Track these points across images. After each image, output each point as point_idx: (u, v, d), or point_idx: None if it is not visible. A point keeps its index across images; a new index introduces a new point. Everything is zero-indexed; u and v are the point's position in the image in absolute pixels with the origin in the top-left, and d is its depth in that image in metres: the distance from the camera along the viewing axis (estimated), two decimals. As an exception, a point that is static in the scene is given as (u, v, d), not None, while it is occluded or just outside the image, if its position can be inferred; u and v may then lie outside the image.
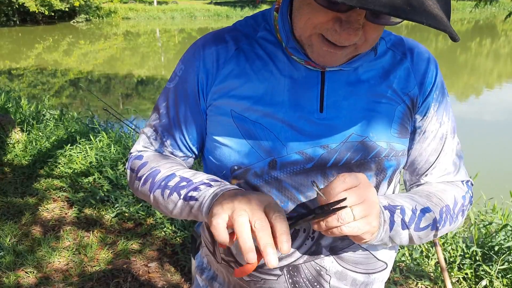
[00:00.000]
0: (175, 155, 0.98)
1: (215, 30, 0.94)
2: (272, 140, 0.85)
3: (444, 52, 19.16)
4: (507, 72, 14.29)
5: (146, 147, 0.99)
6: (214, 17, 36.78)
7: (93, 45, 21.25)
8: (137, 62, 16.77)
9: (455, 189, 0.95)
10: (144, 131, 1.01)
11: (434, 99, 0.92)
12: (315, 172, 0.85)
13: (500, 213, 3.20)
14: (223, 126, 0.88)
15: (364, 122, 0.86)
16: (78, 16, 31.99)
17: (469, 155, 6.59)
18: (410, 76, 0.89)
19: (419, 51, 0.92)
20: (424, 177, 0.97)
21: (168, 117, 0.95)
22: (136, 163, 0.96)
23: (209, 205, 0.77)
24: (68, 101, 9.83)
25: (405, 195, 0.90)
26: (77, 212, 3.50)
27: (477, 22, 32.10)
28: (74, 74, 13.66)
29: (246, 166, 0.87)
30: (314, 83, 0.85)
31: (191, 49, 0.93)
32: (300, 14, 0.77)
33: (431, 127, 0.93)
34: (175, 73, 0.95)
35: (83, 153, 4.45)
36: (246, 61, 0.88)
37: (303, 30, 0.77)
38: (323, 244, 0.90)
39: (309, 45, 0.79)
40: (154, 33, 27.89)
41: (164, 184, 0.88)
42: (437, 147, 0.94)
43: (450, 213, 0.90)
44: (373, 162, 0.87)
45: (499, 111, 8.83)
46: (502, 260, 2.58)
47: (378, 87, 0.87)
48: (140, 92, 11.88)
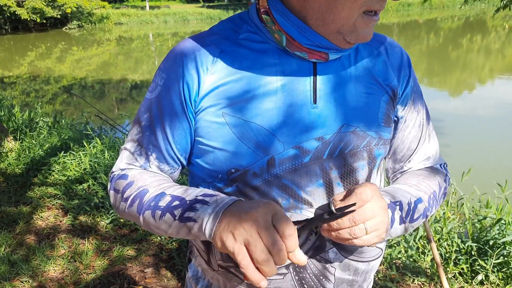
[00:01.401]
0: (162, 169, 0.94)
1: (192, 36, 0.92)
2: (268, 137, 0.85)
3: (436, 49, 19.24)
4: (498, 67, 14.36)
5: (130, 163, 0.94)
6: (207, 20, 36.80)
7: (86, 51, 21.22)
8: (131, 67, 16.75)
9: (437, 174, 1.01)
10: (126, 147, 0.95)
11: (411, 90, 0.98)
12: (313, 166, 0.87)
13: (494, 207, 3.21)
14: (215, 130, 0.86)
15: (354, 113, 0.89)
16: (70, 23, 31.94)
17: (463, 150, 6.65)
18: (388, 69, 0.94)
19: (392, 45, 0.98)
20: (407, 164, 1.03)
21: (152, 129, 0.91)
22: (121, 183, 0.91)
23: (212, 227, 0.75)
24: (62, 108, 9.80)
25: (400, 187, 0.94)
26: (71, 220, 3.48)
27: (467, 18, 32.26)
28: (67, 80, 13.62)
29: (245, 167, 0.86)
30: (306, 76, 0.86)
31: (171, 56, 0.90)
32: (341, 5, 0.78)
33: (411, 115, 0.99)
34: (155, 83, 0.91)
35: (77, 159, 4.44)
36: (233, 62, 0.87)
37: (348, 18, 0.79)
38: (326, 238, 0.90)
39: (352, 31, 0.81)
40: (147, 38, 27.88)
41: (154, 204, 0.84)
42: (417, 134, 1.01)
43: (436, 199, 0.97)
44: (365, 151, 0.90)
45: (492, 106, 8.88)
46: (497, 254, 2.59)
47: (363, 79, 0.91)
48: (134, 97, 11.86)
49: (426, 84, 11.96)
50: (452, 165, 4.65)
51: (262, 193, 0.87)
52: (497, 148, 6.35)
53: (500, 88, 10.79)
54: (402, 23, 32.18)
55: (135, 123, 0.95)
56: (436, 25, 30.25)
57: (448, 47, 19.35)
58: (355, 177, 0.91)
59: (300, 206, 0.87)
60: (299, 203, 0.88)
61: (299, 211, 0.88)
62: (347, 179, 0.90)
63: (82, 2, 30.31)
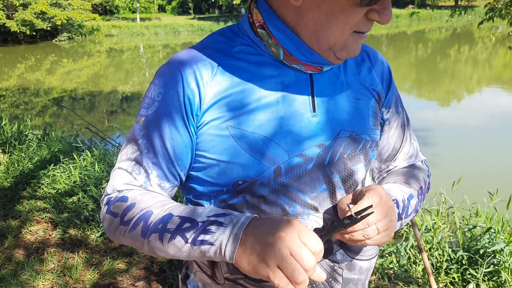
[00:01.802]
0: (163, 187, 0.91)
1: (186, 50, 0.91)
2: (273, 147, 0.87)
3: (424, 60, 19.47)
4: (485, 77, 14.56)
5: (128, 183, 0.90)
6: (198, 32, 36.92)
7: (76, 63, 21.15)
8: (122, 79, 16.71)
9: (421, 170, 1.09)
10: (122, 167, 0.91)
11: (393, 93, 1.04)
12: (316, 173, 0.90)
13: (483, 216, 3.23)
14: (220, 143, 0.86)
15: (349, 118, 0.93)
16: (60, 35, 31.80)
17: (452, 159, 6.71)
18: (372, 74, 1.00)
19: (373, 52, 1.04)
20: (392, 163, 1.10)
21: (151, 147, 0.88)
22: (120, 206, 0.87)
23: (233, 249, 0.75)
24: (52, 120, 9.73)
25: (392, 185, 1.01)
26: (61, 233, 3.45)
27: (454, 30, 32.73)
28: (57, 92, 13.55)
29: (252, 178, 0.87)
30: (304, 86, 0.90)
31: (168, 71, 0.88)
32: (334, 25, 0.81)
33: (394, 117, 1.06)
34: (150, 98, 0.89)
35: (67, 172, 4.40)
36: (232, 75, 0.88)
37: (341, 36, 0.83)
38: (333, 240, 0.94)
39: (343, 48, 0.85)
40: (138, 49, 27.87)
41: (162, 227, 0.81)
42: (400, 134, 1.08)
43: (423, 193, 1.04)
44: (361, 154, 0.95)
45: (481, 115, 8.98)
46: (487, 263, 2.61)
47: (353, 85, 0.96)
48: (125, 108, 11.82)
49: (416, 95, 12.08)
50: (442, 175, 4.70)
51: (269, 202, 0.88)
52: (485, 157, 6.42)
53: (488, 98, 10.92)
54: (391, 35, 32.54)
55: (129, 142, 0.92)
56: (424, 36, 30.65)
57: (436, 58, 19.59)
58: (355, 179, 0.95)
59: (306, 211, 0.90)
60: (305, 209, 0.90)
61: (306, 217, 0.90)
62: (347, 182, 0.94)
63: (72, 14, 30.21)
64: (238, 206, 0.90)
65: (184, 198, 1.00)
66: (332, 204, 0.93)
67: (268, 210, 0.89)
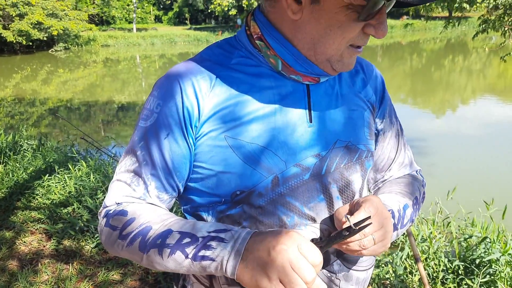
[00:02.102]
0: (161, 199, 0.92)
1: (184, 62, 0.92)
2: (271, 157, 0.87)
3: (419, 70, 19.60)
4: (480, 87, 14.66)
5: (127, 196, 0.90)
6: (194, 42, 37.07)
7: (73, 73, 21.16)
8: (118, 88, 16.72)
9: (416, 180, 1.09)
10: (120, 179, 0.91)
11: (386, 104, 1.06)
12: (313, 183, 0.90)
13: (479, 226, 3.24)
14: (218, 153, 0.87)
15: (345, 128, 0.95)
16: (56, 45, 31.85)
17: (448, 169, 6.72)
18: (366, 86, 1.02)
19: (367, 64, 1.05)
20: (387, 172, 1.10)
21: (150, 158, 0.89)
22: (120, 220, 0.87)
23: (235, 265, 0.76)
24: (47, 130, 9.71)
25: (388, 195, 1.01)
26: (55, 244, 3.42)
27: (449, 40, 33.02)
28: (53, 102, 13.54)
29: (250, 188, 0.87)
30: (301, 97, 0.91)
31: (166, 83, 0.89)
32: (331, 39, 0.83)
33: (388, 127, 1.07)
34: (150, 110, 0.89)
35: (62, 183, 4.38)
36: (231, 86, 0.89)
37: (337, 49, 0.85)
38: (330, 250, 0.94)
39: (339, 61, 0.87)
40: (134, 59, 27.94)
41: (161, 242, 0.82)
42: (395, 144, 1.09)
43: (418, 203, 1.05)
44: (358, 164, 0.96)
45: (475, 125, 9.02)
46: (483, 273, 2.60)
47: (348, 96, 0.98)
48: (121, 118, 11.82)
49: (411, 104, 12.14)
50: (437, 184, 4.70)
51: (267, 212, 0.89)
52: (480, 166, 6.44)
53: (482, 108, 10.99)
54: (386, 45, 32.77)
55: (128, 153, 0.92)
56: (419, 46, 30.89)
57: (431, 68, 19.73)
58: (352, 189, 0.96)
59: (304, 222, 0.91)
60: (303, 219, 0.90)
61: (304, 227, 0.91)
62: (345, 192, 0.95)
63: (69, 24, 30.30)
64: (236, 217, 0.90)
65: (182, 209, 1.00)
66: (329, 215, 0.93)
67: (266, 220, 0.89)
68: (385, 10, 0.80)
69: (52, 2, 30.14)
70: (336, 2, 0.78)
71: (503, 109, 10.71)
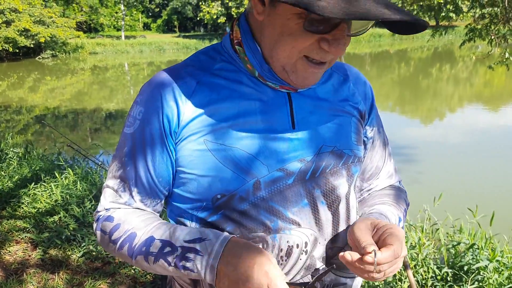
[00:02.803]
0: (145, 203, 0.94)
1: (167, 68, 0.94)
2: (252, 161, 0.87)
3: (407, 78, 19.82)
4: (467, 96, 14.87)
5: (114, 201, 0.94)
6: (183, 50, 37.10)
7: (60, 81, 21.01)
8: (106, 96, 16.64)
9: (402, 192, 1.11)
10: (109, 185, 0.95)
11: (374, 113, 1.06)
12: (297, 187, 0.90)
13: (467, 232, 3.25)
14: (198, 157, 0.87)
15: (331, 133, 0.94)
16: (44, 52, 31.62)
17: (435, 176, 6.76)
18: (354, 94, 1.01)
19: (355, 72, 1.05)
20: (374, 181, 1.10)
21: (133, 164, 0.91)
22: (107, 226, 0.92)
23: (212, 278, 0.82)
24: (34, 138, 9.60)
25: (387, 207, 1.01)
26: (41, 254, 3.36)
27: (436, 49, 33.48)
28: (40, 110, 13.41)
29: (231, 192, 0.87)
30: (283, 103, 0.91)
31: (148, 89, 0.91)
32: (282, 46, 0.81)
33: (376, 136, 1.07)
34: (133, 117, 0.92)
35: (48, 191, 4.32)
36: (211, 92, 0.89)
37: (288, 58, 0.82)
38: (316, 256, 0.93)
39: (293, 72, 0.84)
40: (122, 67, 27.86)
41: (145, 250, 0.87)
42: (382, 153, 1.09)
43: (404, 215, 1.06)
44: (344, 169, 0.95)
45: (463, 133, 9.13)
46: (472, 280, 2.61)
47: (334, 103, 0.97)
48: (109, 126, 11.75)
49: (399, 113, 12.26)
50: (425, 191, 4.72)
51: (249, 216, 0.89)
52: (468, 174, 6.50)
53: (469, 116, 11.13)
54: (374, 53, 33.13)
55: (114, 159, 0.96)
56: (407, 55, 31.27)
57: (418, 76, 19.96)
58: (337, 194, 0.95)
59: (288, 226, 0.90)
60: (287, 224, 0.90)
61: (288, 232, 0.90)
62: (329, 197, 0.94)
63: (56, 31, 30.13)
64: (219, 223, 0.90)
65: (167, 216, 1.01)
66: (315, 220, 0.92)
67: (249, 225, 0.89)
68: (344, 28, 0.77)
69: (39, 9, 30.01)
70: (288, 9, 0.77)
71: (490, 117, 10.86)
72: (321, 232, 0.93)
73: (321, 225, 0.93)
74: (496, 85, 16.86)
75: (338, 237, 0.95)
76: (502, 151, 7.69)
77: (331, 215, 0.94)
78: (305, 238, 0.91)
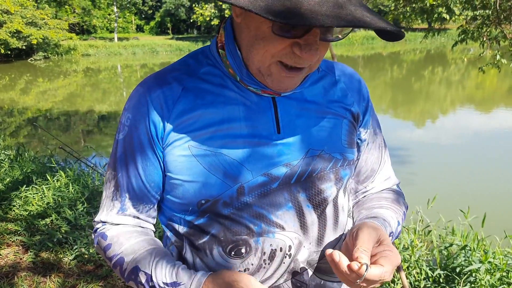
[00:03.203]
0: (137, 209, 0.95)
1: (154, 73, 0.93)
2: (236, 167, 0.87)
3: (400, 81, 19.93)
4: (459, 98, 14.97)
5: (109, 214, 0.96)
6: (176, 52, 37.03)
7: (52, 83, 20.89)
8: (98, 98, 16.57)
9: (400, 195, 1.09)
10: (106, 193, 0.98)
11: (370, 114, 1.03)
12: (281, 191, 0.89)
13: (459, 234, 3.27)
14: (182, 162, 0.87)
15: (318, 137, 0.92)
16: (36, 54, 31.42)
17: (428, 177, 6.80)
18: (347, 95, 0.98)
19: (350, 72, 1.02)
20: (370, 184, 1.07)
21: (125, 170, 0.93)
22: (102, 243, 0.96)
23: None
24: (25, 140, 9.53)
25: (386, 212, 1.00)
26: (33, 257, 3.33)
27: (428, 51, 33.70)
28: (32, 112, 13.33)
29: (215, 197, 0.87)
30: (267, 107, 0.89)
31: (135, 96, 0.91)
32: (256, 49, 0.80)
33: (372, 138, 1.04)
34: (122, 123, 0.93)
35: (40, 193, 4.29)
36: (196, 97, 0.89)
37: (262, 62, 0.81)
38: (300, 259, 0.92)
39: (268, 75, 0.82)
40: (115, 69, 27.76)
41: (134, 278, 0.91)
42: (379, 156, 1.06)
43: (403, 218, 1.05)
44: (331, 173, 0.93)
45: (455, 135, 9.19)
46: (464, 281, 2.62)
47: (324, 105, 0.94)
48: (101, 128, 11.70)
49: (392, 115, 12.32)
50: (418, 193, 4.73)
51: (234, 220, 0.89)
52: (460, 175, 6.54)
53: (461, 118, 11.21)
54: (367, 56, 33.28)
55: (109, 166, 0.97)
56: (399, 57, 31.44)
57: (411, 79, 20.08)
58: (323, 197, 0.93)
59: (272, 230, 0.89)
60: (271, 227, 0.89)
61: (271, 235, 0.90)
62: (315, 200, 0.92)
63: (48, 33, 29.95)
64: (204, 227, 0.91)
65: (159, 218, 1.02)
66: (300, 223, 0.91)
67: (233, 228, 0.89)
68: (316, 33, 0.75)
69: (31, 10, 29.80)
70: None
71: (481, 119, 10.95)
72: (306, 236, 0.92)
73: (307, 228, 0.92)
74: (488, 87, 17.00)
75: (324, 240, 0.94)
76: (493, 153, 7.75)
77: (317, 219, 0.93)
78: (289, 242, 0.90)
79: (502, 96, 14.85)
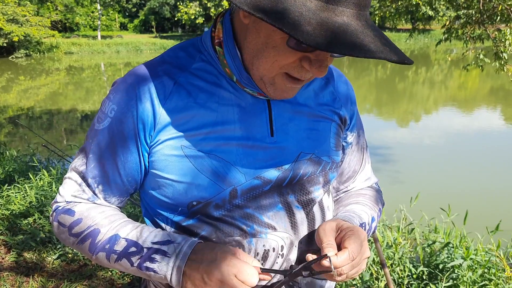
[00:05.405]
0: (109, 201, 0.93)
1: (143, 64, 0.90)
2: (229, 169, 0.86)
3: (384, 81, 20.11)
4: (442, 98, 15.16)
5: (76, 196, 0.91)
6: (160, 50, 36.69)
7: (34, 81, 20.55)
8: (82, 97, 16.36)
9: (377, 192, 1.12)
10: (71, 177, 0.92)
11: (356, 118, 1.04)
12: (272, 193, 0.89)
13: (442, 231, 3.32)
14: (174, 162, 0.85)
15: (309, 141, 0.93)
16: (17, 52, 30.84)
17: (411, 176, 6.87)
18: (336, 98, 0.99)
19: (337, 75, 1.02)
20: (351, 184, 1.10)
21: (100, 161, 0.89)
22: (67, 219, 0.89)
23: (178, 279, 0.80)
24: (7, 139, 9.36)
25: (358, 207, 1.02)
26: (15, 256, 3.28)
27: (412, 52, 34.05)
28: (13, 111, 13.09)
29: (207, 199, 0.86)
30: (262, 110, 0.88)
31: (122, 87, 0.87)
32: (265, 57, 0.77)
33: (355, 140, 1.06)
34: (104, 114, 0.88)
35: (22, 193, 4.22)
36: (189, 95, 0.86)
37: (269, 71, 0.79)
38: (292, 259, 0.93)
39: (271, 84, 0.81)
40: (98, 67, 27.43)
41: (109, 247, 0.85)
42: (360, 157, 1.09)
43: (379, 214, 1.08)
44: (321, 176, 0.95)
45: (438, 135, 9.30)
46: (447, 278, 2.66)
47: (314, 108, 0.95)
48: (84, 127, 11.53)
49: (376, 114, 12.42)
50: (401, 191, 4.79)
51: (225, 222, 0.88)
52: (442, 174, 6.63)
53: (444, 118, 11.36)
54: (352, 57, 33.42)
55: (80, 152, 0.92)
56: (383, 58, 31.61)
57: (395, 79, 20.27)
58: (311, 198, 0.94)
59: (264, 230, 0.90)
60: (262, 228, 0.90)
61: (264, 235, 0.90)
62: (303, 200, 0.93)
63: (30, 30, 29.44)
64: (193, 228, 0.89)
65: (143, 215, 0.99)
66: (290, 223, 0.92)
67: (225, 229, 0.89)
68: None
69: (12, 7, 29.24)
70: None
71: (464, 119, 11.11)
72: (296, 235, 0.93)
73: (297, 228, 0.93)
74: (470, 88, 17.26)
75: (313, 239, 0.95)
76: (475, 152, 7.89)
77: (306, 218, 0.94)
78: (281, 242, 0.91)
79: (483, 96, 15.10)
